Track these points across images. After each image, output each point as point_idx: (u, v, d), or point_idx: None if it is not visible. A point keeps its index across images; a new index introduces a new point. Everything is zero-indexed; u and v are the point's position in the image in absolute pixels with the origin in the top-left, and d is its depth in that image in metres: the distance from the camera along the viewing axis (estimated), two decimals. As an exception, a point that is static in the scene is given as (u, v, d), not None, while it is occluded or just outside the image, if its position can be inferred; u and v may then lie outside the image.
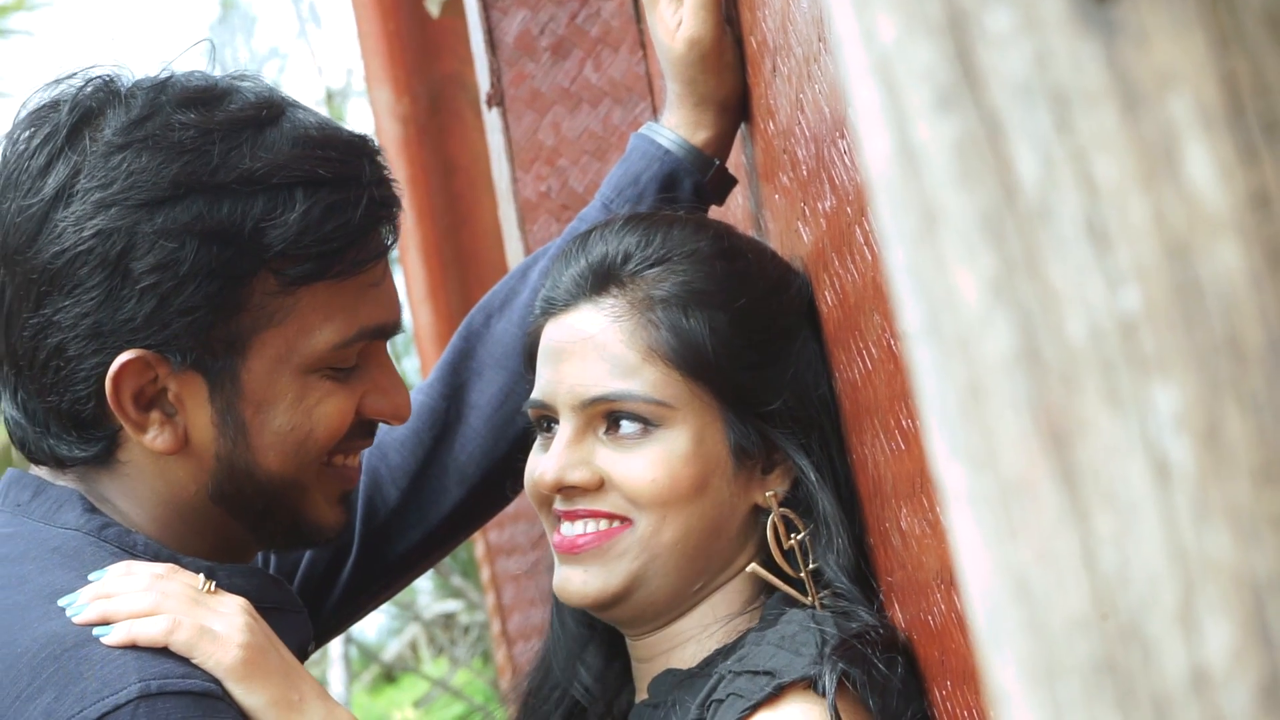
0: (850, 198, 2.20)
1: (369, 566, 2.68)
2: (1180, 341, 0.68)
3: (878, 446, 2.26)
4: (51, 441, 2.22)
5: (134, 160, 2.14)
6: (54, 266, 2.14)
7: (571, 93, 3.79)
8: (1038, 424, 0.72)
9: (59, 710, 1.99)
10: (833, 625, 2.21)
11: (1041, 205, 0.72)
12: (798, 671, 2.15)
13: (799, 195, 2.52)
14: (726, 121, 2.76)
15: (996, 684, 0.74)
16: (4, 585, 2.15)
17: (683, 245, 2.39)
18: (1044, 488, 0.71)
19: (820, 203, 2.38)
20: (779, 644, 2.21)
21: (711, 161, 2.73)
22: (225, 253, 2.14)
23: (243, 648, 2.10)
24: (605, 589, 2.32)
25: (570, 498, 2.32)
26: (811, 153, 2.39)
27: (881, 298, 2.10)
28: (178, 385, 2.18)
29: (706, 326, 2.33)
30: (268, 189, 2.16)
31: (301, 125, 2.22)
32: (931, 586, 2.09)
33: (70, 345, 2.16)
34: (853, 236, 2.21)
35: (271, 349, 2.20)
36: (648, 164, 2.73)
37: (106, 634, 2.05)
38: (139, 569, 2.15)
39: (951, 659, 2.06)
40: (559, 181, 3.80)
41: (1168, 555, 0.69)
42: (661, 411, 2.31)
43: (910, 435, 2.08)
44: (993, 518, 0.73)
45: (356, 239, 2.21)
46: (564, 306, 2.38)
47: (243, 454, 2.22)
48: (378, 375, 2.31)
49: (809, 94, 2.36)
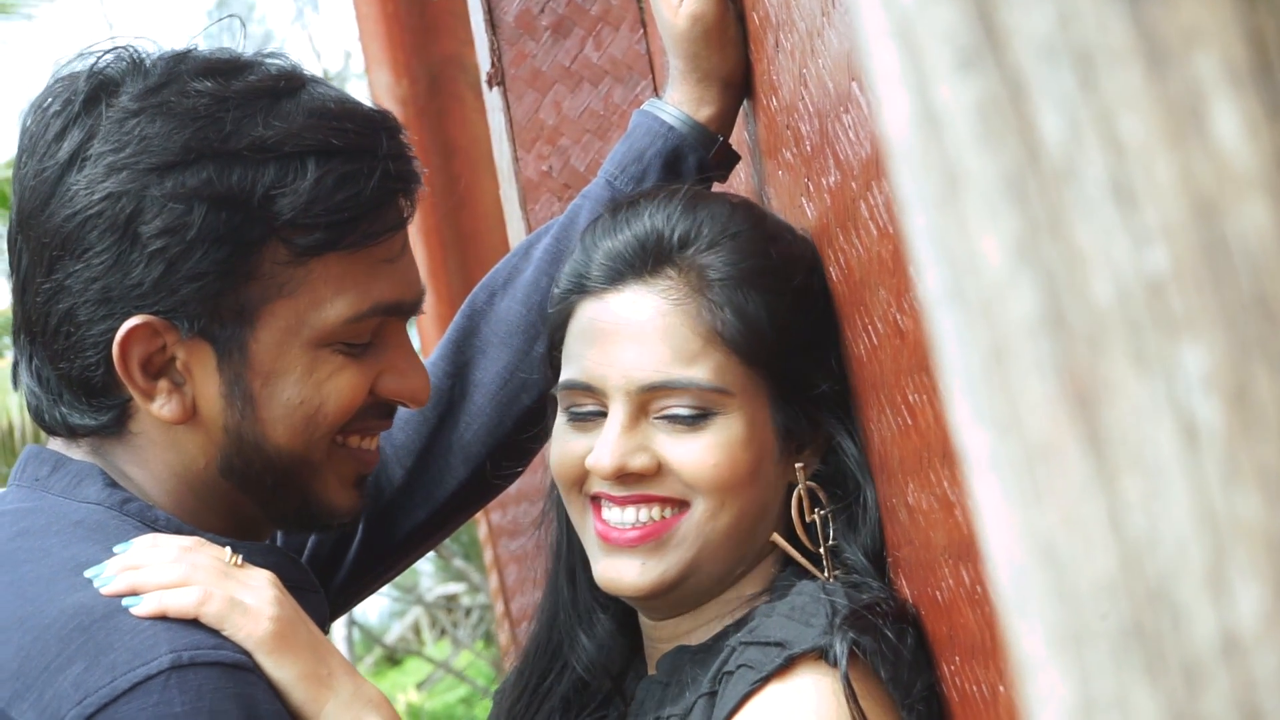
0: (855, 172, 2.19)
1: (375, 546, 2.67)
2: (1208, 301, 0.67)
3: (884, 422, 2.25)
4: (64, 410, 2.21)
5: (147, 125, 2.14)
6: (65, 230, 2.14)
7: (572, 71, 3.78)
8: (1063, 387, 0.71)
9: (89, 681, 1.98)
10: (843, 596, 2.20)
11: (1066, 166, 0.71)
12: (808, 642, 2.14)
13: (803, 171, 2.51)
14: (730, 97, 2.75)
15: (1022, 651, 0.73)
16: (28, 558, 2.13)
17: (733, 224, 2.36)
18: (1070, 452, 0.71)
19: (824, 178, 2.37)
20: (789, 614, 2.20)
21: (715, 137, 2.72)
22: (234, 219, 2.13)
23: (274, 620, 2.09)
24: (662, 580, 2.30)
25: (627, 484, 2.29)
26: (815, 128, 2.38)
27: (887, 272, 2.09)
28: (186, 353, 2.17)
29: (765, 310, 2.30)
30: (279, 157, 2.15)
31: (320, 98, 2.21)
32: (939, 562, 2.09)
33: (80, 310, 2.15)
34: (857, 211, 2.20)
35: (281, 320, 2.18)
36: (651, 140, 2.72)
37: (136, 604, 2.04)
38: (165, 541, 2.14)
39: (960, 634, 2.06)
40: (560, 161, 3.79)
41: (1196, 518, 0.68)
42: (721, 399, 2.29)
43: (917, 410, 2.07)
44: (1018, 483, 0.73)
45: (369, 210, 2.20)
46: (608, 285, 2.32)
47: (251, 426, 2.20)
48: (395, 355, 2.29)
49: (812, 69, 2.34)
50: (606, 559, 2.31)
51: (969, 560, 1.96)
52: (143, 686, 1.97)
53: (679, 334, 2.28)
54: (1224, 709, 0.66)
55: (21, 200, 2.19)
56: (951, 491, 1.98)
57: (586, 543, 2.35)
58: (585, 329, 2.33)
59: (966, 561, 1.97)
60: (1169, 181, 0.69)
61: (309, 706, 2.09)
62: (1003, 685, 1.91)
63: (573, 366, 2.33)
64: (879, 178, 2.07)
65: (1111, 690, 0.69)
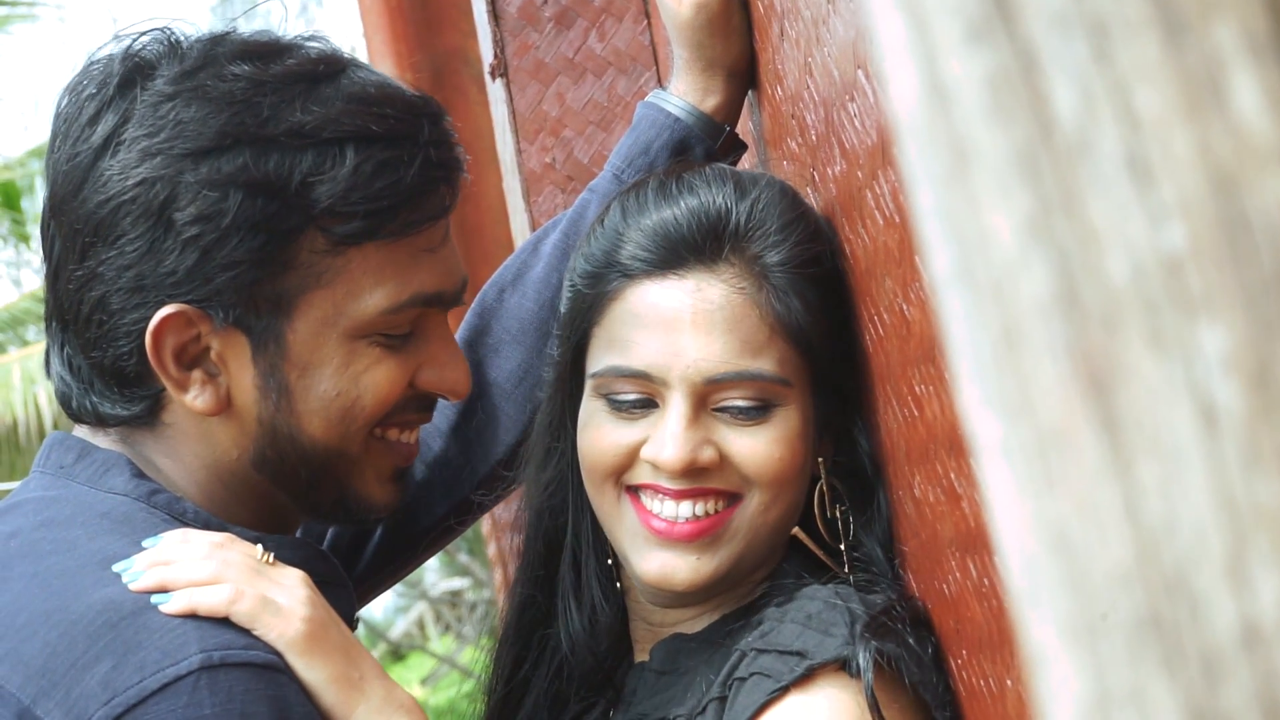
0: (860, 161, 2.17)
1: (395, 540, 2.64)
2: (1227, 280, 0.65)
3: (890, 414, 2.23)
4: (95, 399, 2.17)
5: (182, 110, 2.10)
6: (98, 216, 2.10)
7: (576, 63, 3.75)
8: (1076, 370, 0.68)
9: (118, 679, 1.94)
10: (858, 601, 2.17)
11: (1080, 140, 0.68)
12: (830, 653, 2.10)
13: (808, 161, 2.49)
14: (735, 87, 2.73)
15: (1034, 643, 0.71)
16: (53, 550, 2.09)
17: (788, 210, 2.30)
18: (1083, 436, 0.68)
19: (830, 168, 2.34)
20: (805, 623, 2.15)
21: (721, 128, 2.69)
22: (270, 206, 2.09)
23: (306, 621, 2.05)
24: (715, 575, 2.26)
25: (688, 477, 2.23)
26: (820, 117, 2.36)
27: (893, 262, 2.07)
28: (220, 344, 2.13)
29: (820, 299, 2.28)
30: (317, 143, 2.10)
31: (360, 83, 2.16)
32: (946, 555, 2.06)
33: (113, 298, 2.11)
34: (863, 201, 2.18)
35: (318, 310, 2.14)
36: (658, 132, 2.69)
37: (165, 602, 2.00)
38: (196, 537, 2.10)
39: (967, 628, 2.03)
40: (564, 153, 3.76)
41: (1215, 504, 0.65)
42: (782, 391, 2.24)
43: (923, 401, 2.05)
44: (1029, 469, 0.70)
45: (409, 199, 2.15)
46: (664, 269, 2.25)
47: (286, 419, 2.16)
48: (435, 347, 2.24)
49: (818, 58, 2.32)
50: (658, 553, 2.24)
51: (976, 553, 1.93)
52: (172, 687, 1.93)
53: (747, 324, 2.23)
54: (1244, 702, 0.64)
55: (55, 185, 2.15)
56: (958, 483, 1.95)
57: (623, 535, 2.28)
58: (640, 314, 2.24)
59: (973, 554, 1.95)
60: (1187, 156, 0.66)
61: (339, 709, 2.05)
62: (1010, 679, 1.89)
63: (623, 353, 2.25)
64: (885, 166, 2.05)
65: (1127, 683, 0.67)
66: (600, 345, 2.28)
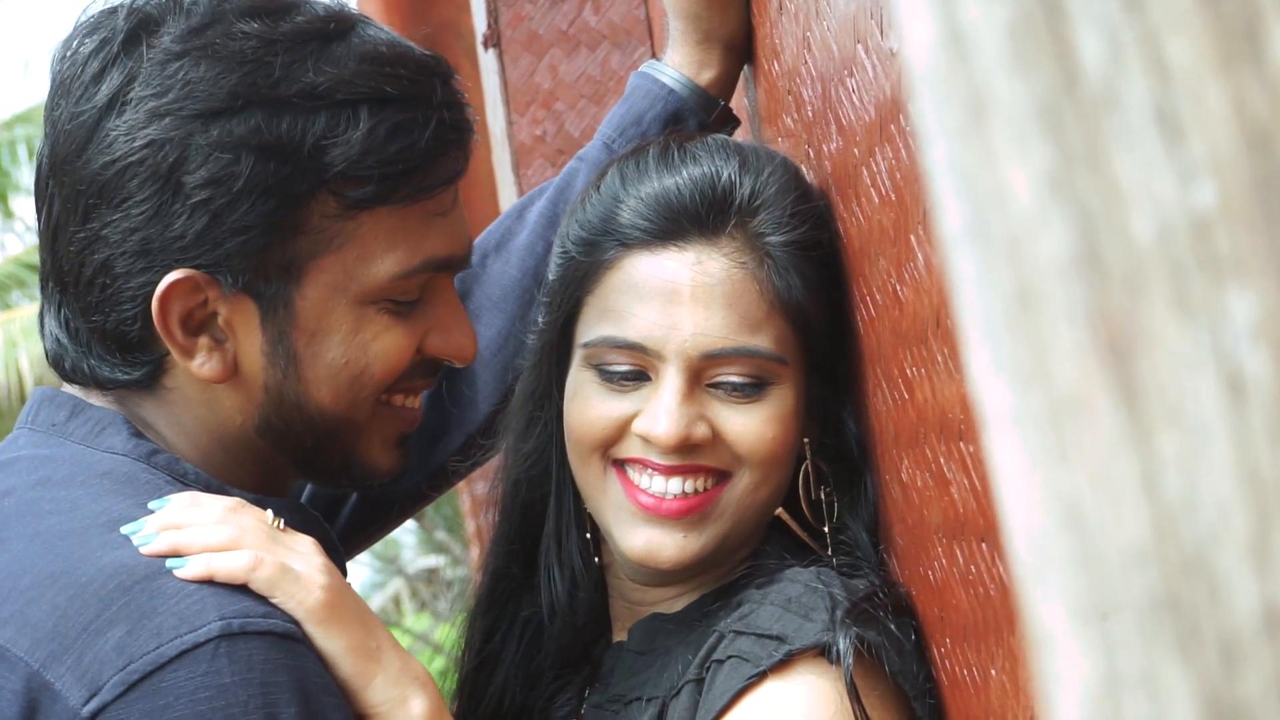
0: (858, 138, 2.13)
1: (369, 507, 2.61)
2: (1259, 242, 0.61)
3: (879, 396, 2.20)
4: (93, 362, 2.12)
5: (191, 69, 2.04)
6: (103, 177, 2.05)
7: (569, 35, 3.71)
8: (1095, 334, 0.64)
9: (133, 645, 1.89)
10: (840, 586, 2.13)
11: (1106, 92, 0.64)
12: (810, 638, 2.06)
13: (804, 137, 2.45)
14: (730, 60, 2.69)
15: (1039, 624, 0.67)
16: (53, 510, 2.04)
17: (792, 186, 2.27)
18: (1101, 405, 0.64)
19: (826, 144, 2.31)
20: (785, 606, 2.11)
21: (716, 101, 2.66)
22: (282, 170, 2.03)
23: (325, 589, 1.99)
24: (700, 554, 2.22)
25: (679, 453, 2.20)
26: (818, 93, 2.32)
27: (888, 241, 2.04)
28: (228, 310, 2.08)
29: (820, 278, 2.24)
30: (331, 105, 2.05)
31: (371, 41, 2.11)
32: (933, 541, 2.03)
33: (117, 262, 2.06)
34: (859, 178, 2.14)
35: (329, 276, 2.09)
36: (651, 103, 2.65)
37: (181, 567, 1.94)
38: (206, 500, 2.05)
39: (952, 615, 2.00)
40: (555, 125, 3.73)
41: (1240, 480, 0.62)
42: (778, 369, 2.21)
43: (914, 384, 2.02)
44: (1041, 439, 0.66)
45: (423, 162, 2.11)
46: (664, 239, 2.20)
47: (293, 386, 2.12)
48: (442, 311, 2.20)
49: (816, 32, 2.28)
50: (644, 529, 2.21)
51: (963, 539, 1.90)
52: (190, 655, 1.88)
53: (746, 300, 2.19)
54: (1264, 689, 0.60)
55: (55, 144, 2.10)
56: (948, 468, 1.92)
57: (608, 510, 2.24)
58: (637, 285, 2.20)
59: (961, 540, 1.91)
60: (1219, 111, 0.63)
61: (356, 680, 2.00)
62: (994, 669, 1.86)
63: (618, 324, 2.21)
64: (882, 144, 2.01)
65: (1139, 668, 0.63)
66: (593, 314, 2.24)
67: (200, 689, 1.87)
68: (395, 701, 2.01)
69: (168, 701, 1.86)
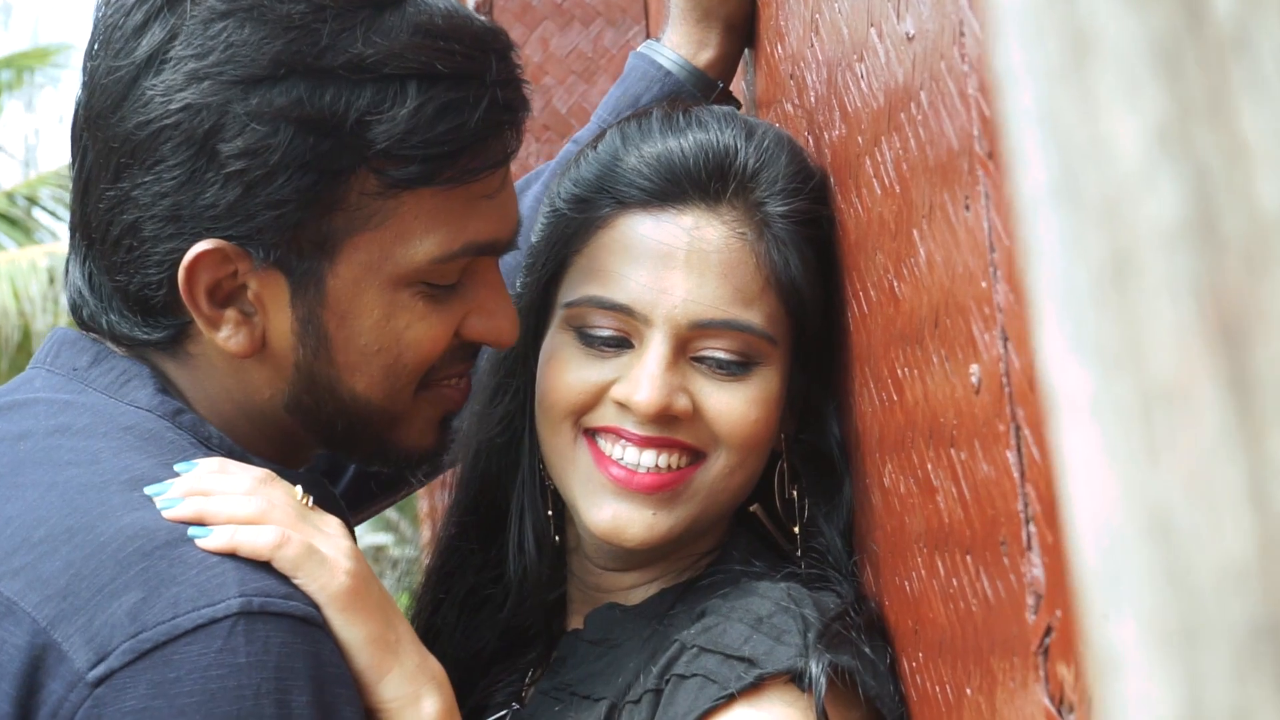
0: (863, 126, 2.04)
1: (363, 484, 2.55)
2: None
3: (865, 396, 2.11)
4: (113, 318, 2.03)
5: (235, 31, 1.94)
6: (136, 137, 1.95)
7: (564, 9, 3.62)
8: (1203, 314, 0.55)
9: (147, 614, 1.79)
10: (811, 606, 2.05)
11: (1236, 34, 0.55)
12: (781, 663, 1.97)
13: (804, 124, 2.36)
14: (731, 41, 2.61)
15: (1106, 645, 0.58)
16: (73, 461, 1.95)
17: (795, 163, 2.18)
18: (1204, 396, 0.56)
19: (828, 132, 2.22)
20: (755, 626, 2.03)
21: (714, 84, 2.58)
22: (322, 144, 1.93)
23: (350, 575, 1.90)
24: (669, 535, 2.14)
25: (656, 424, 2.11)
26: (823, 78, 2.24)
27: (888, 235, 1.95)
28: (258, 283, 1.98)
29: (817, 259, 2.16)
30: (378, 79, 1.94)
31: (426, 11, 1.99)
32: (912, 550, 1.95)
33: (145, 225, 1.96)
34: (861, 168, 2.05)
35: (364, 254, 1.99)
36: (647, 85, 2.58)
37: (205, 536, 1.85)
38: (236, 469, 1.96)
39: (927, 630, 1.92)
40: (543, 100, 3.64)
41: (1368, 494, 0.53)
42: (766, 348, 2.13)
43: (905, 385, 1.93)
44: (1126, 433, 0.57)
45: (471, 143, 1.99)
46: (663, 201, 2.12)
47: (324, 369, 2.03)
48: (483, 294, 2.09)
49: (826, 14, 2.20)
50: (612, 503, 2.13)
51: (947, 550, 1.81)
52: (206, 629, 1.79)
53: (742, 272, 2.11)
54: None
55: (92, 95, 2.00)
56: (935, 475, 1.83)
57: (575, 481, 2.16)
58: (630, 245, 2.12)
59: (944, 552, 1.82)
60: (1370, 63, 0.54)
61: (371, 672, 1.90)
62: (970, 688, 1.77)
63: (605, 284, 2.13)
64: (890, 132, 1.92)
65: (1230, 702, 0.54)
66: (579, 274, 2.16)
67: (213, 666, 1.78)
68: (408, 699, 1.92)
69: (178, 675, 1.78)
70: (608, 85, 3.55)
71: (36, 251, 18.07)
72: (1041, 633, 1.50)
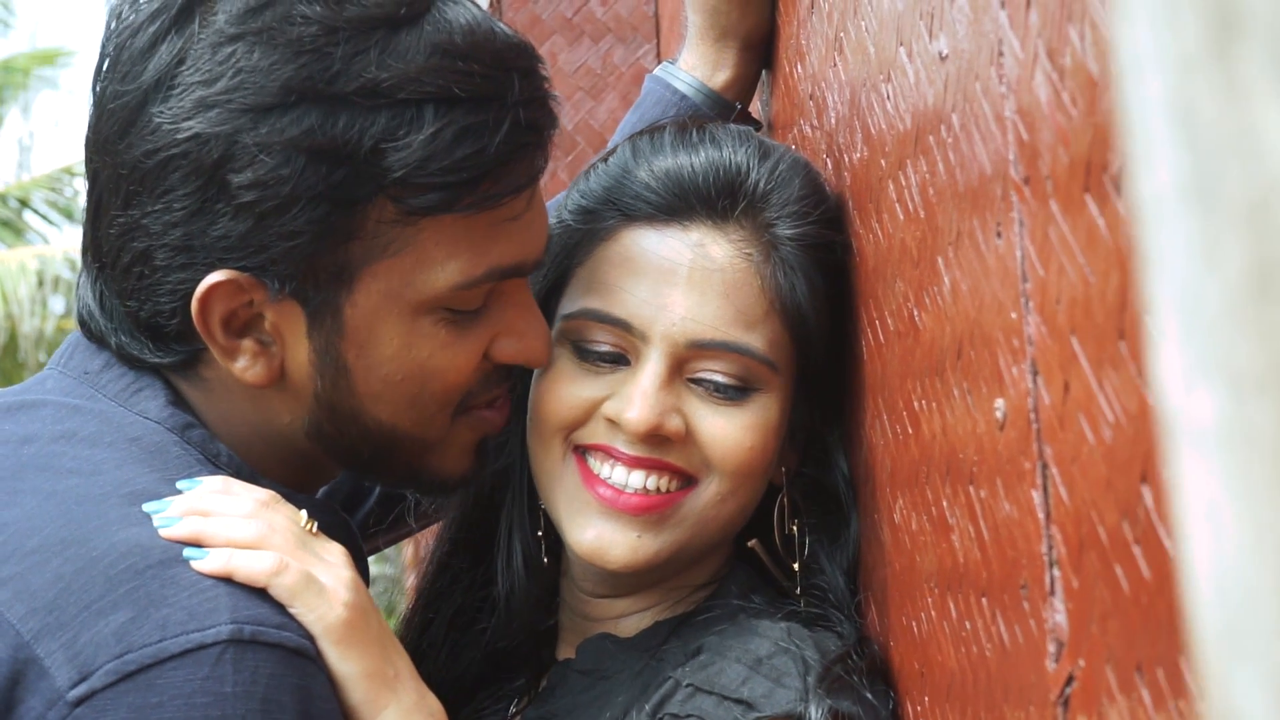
0: (887, 148, 1.98)
1: (388, 509, 2.48)
2: None
3: (878, 428, 2.04)
4: (124, 339, 1.96)
5: (244, 56, 1.86)
6: (144, 166, 1.88)
7: (574, 24, 3.56)
8: (1363, 335, 0.49)
9: (134, 634, 1.72)
10: (812, 647, 1.98)
11: None
12: (779, 707, 1.91)
13: (822, 146, 2.30)
14: (748, 62, 2.56)
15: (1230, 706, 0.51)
16: (74, 469, 1.88)
17: (810, 187, 2.12)
18: (1360, 429, 0.49)
19: (849, 154, 2.16)
20: (754, 667, 1.96)
21: (732, 106, 2.53)
22: (336, 174, 1.85)
23: (348, 607, 1.82)
24: (653, 559, 2.07)
25: (647, 445, 2.05)
26: (845, 98, 2.17)
27: (910, 262, 1.88)
28: (275, 314, 1.91)
29: (826, 287, 2.09)
30: (393, 104, 1.86)
31: (445, 29, 1.90)
32: (923, 590, 1.88)
33: (157, 254, 1.89)
34: (883, 192, 1.99)
35: (382, 283, 1.91)
36: (663, 110, 2.53)
37: (200, 559, 1.78)
38: (239, 489, 1.89)
39: (936, 673, 1.85)
40: (548, 115, 3.57)
41: None
42: (766, 374, 2.06)
43: (921, 418, 1.86)
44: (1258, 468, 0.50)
45: (493, 168, 1.91)
46: (669, 216, 2.06)
47: (346, 399, 1.95)
48: (511, 316, 2.02)
49: (851, 32, 2.13)
50: (596, 523, 2.06)
51: (960, 592, 1.74)
52: (194, 655, 1.71)
53: (745, 293, 2.05)
54: None
55: (99, 120, 1.93)
56: (951, 513, 1.76)
57: (561, 498, 2.10)
58: (632, 259, 2.06)
59: (957, 593, 1.75)
60: None
61: (366, 708, 1.83)
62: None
63: (605, 297, 2.07)
64: (917, 156, 1.86)
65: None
66: (580, 286, 2.09)
67: (197, 693, 1.70)
68: None
69: (160, 700, 1.70)
70: (615, 103, 3.49)
71: (26, 253, 18.00)
72: (1063, 682, 1.43)
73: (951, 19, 1.70)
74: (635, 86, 3.41)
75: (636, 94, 3.38)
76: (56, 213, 19.86)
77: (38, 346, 16.83)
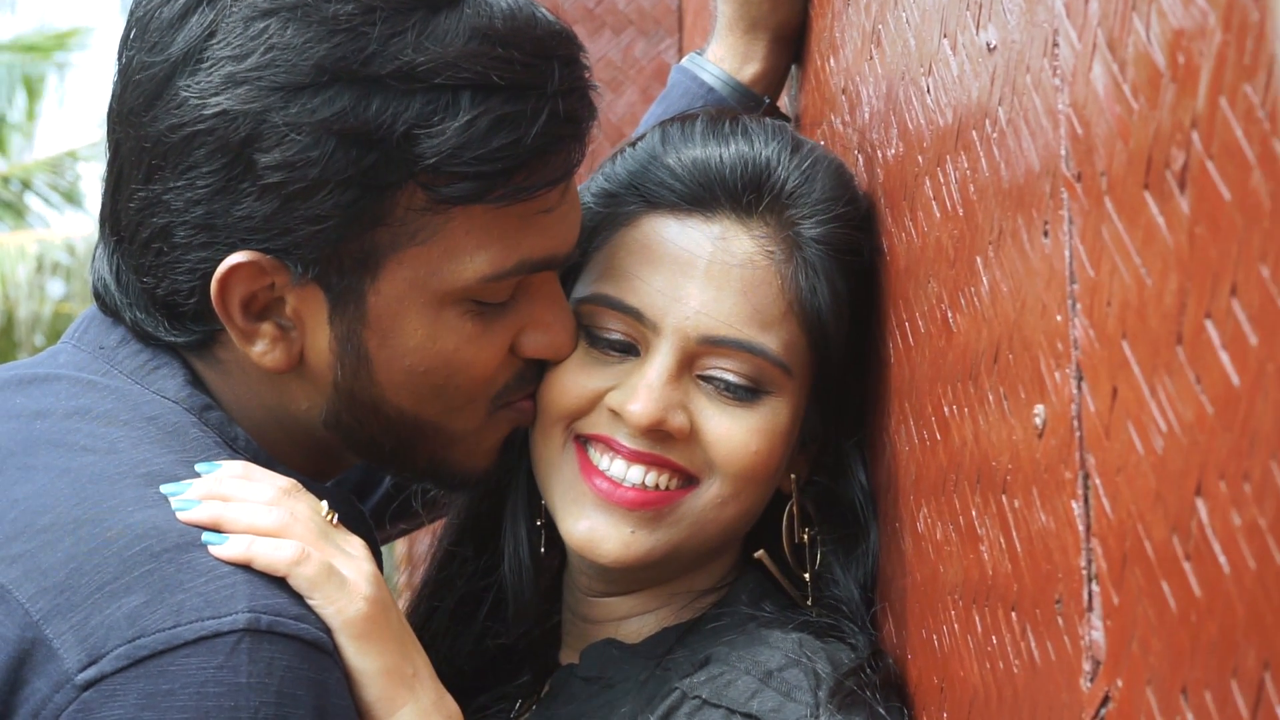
0: (925, 144, 1.91)
1: (395, 499, 2.44)
2: None
3: (903, 434, 1.98)
4: (139, 315, 1.91)
5: (278, 32, 1.80)
6: (169, 140, 1.82)
7: (595, 14, 3.51)
8: None
9: (148, 619, 1.66)
10: (824, 659, 1.91)
11: None
12: None
13: (854, 142, 2.24)
14: (779, 54, 2.51)
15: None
16: (89, 447, 1.82)
17: (841, 188, 2.07)
18: None
19: (883, 150, 2.09)
20: (764, 680, 1.90)
21: (761, 100, 2.48)
22: (366, 159, 1.79)
23: (368, 601, 1.76)
24: (646, 556, 2.01)
25: (649, 439, 2.00)
26: (881, 92, 2.11)
27: (945, 262, 1.82)
28: (296, 299, 1.86)
29: (849, 292, 2.03)
30: (428, 89, 1.80)
31: (486, 13, 1.84)
32: (946, 602, 1.82)
33: (177, 231, 1.84)
34: (919, 189, 1.92)
35: (408, 271, 1.85)
36: (689, 103, 2.48)
37: (219, 544, 1.73)
38: (260, 476, 1.83)
39: (956, 688, 1.78)
40: (566, 107, 3.52)
41: None
42: (780, 377, 2.01)
43: (951, 424, 1.80)
44: None
45: (528, 159, 1.85)
46: (693, 206, 2.01)
47: (366, 389, 1.90)
48: (539, 309, 1.97)
49: (890, 23, 2.07)
50: (591, 515, 2.01)
51: (987, 604, 1.68)
52: (208, 642, 1.65)
53: (764, 292, 1.99)
54: None
55: (124, 91, 1.87)
56: (981, 523, 1.70)
57: (558, 488, 2.05)
58: (650, 247, 2.01)
59: (984, 606, 1.69)
60: None
61: (381, 705, 1.77)
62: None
63: (619, 284, 2.02)
64: (957, 152, 1.79)
65: None
66: (595, 271, 2.04)
67: (210, 682, 1.65)
68: None
69: (172, 688, 1.64)
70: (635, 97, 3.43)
71: (26, 237, 17.97)
72: (1098, 702, 1.37)
73: (1002, 9, 1.63)
74: (655, 81, 3.35)
75: (656, 89, 3.32)
76: (59, 196, 19.82)
77: (34, 330, 16.79)
